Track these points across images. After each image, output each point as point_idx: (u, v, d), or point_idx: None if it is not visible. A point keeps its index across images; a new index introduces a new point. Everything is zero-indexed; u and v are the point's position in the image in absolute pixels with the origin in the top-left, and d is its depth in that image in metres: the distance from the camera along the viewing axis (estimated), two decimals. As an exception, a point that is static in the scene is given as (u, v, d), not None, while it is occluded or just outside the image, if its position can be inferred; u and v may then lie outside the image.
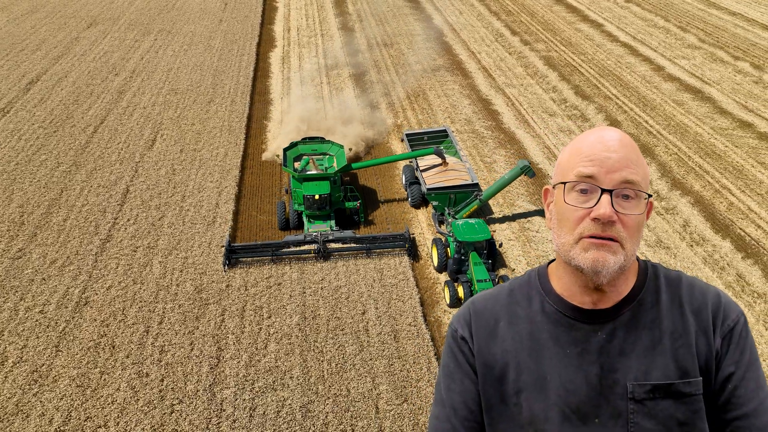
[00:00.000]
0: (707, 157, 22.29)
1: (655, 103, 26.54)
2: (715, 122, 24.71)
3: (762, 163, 21.81)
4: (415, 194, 19.94)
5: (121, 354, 14.68)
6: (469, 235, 16.26)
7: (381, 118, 26.22)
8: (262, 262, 17.09)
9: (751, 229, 18.44)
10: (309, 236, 17.55)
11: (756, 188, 20.43)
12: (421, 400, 13.33)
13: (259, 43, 35.28)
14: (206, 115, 26.51)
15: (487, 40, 34.89)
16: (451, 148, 21.32)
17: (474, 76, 30.31)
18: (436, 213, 19.18)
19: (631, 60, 31.22)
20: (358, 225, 19.32)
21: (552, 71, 30.12)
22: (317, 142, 21.21)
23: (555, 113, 26.22)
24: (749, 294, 16.05)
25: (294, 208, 19.04)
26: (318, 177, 18.86)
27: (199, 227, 19.14)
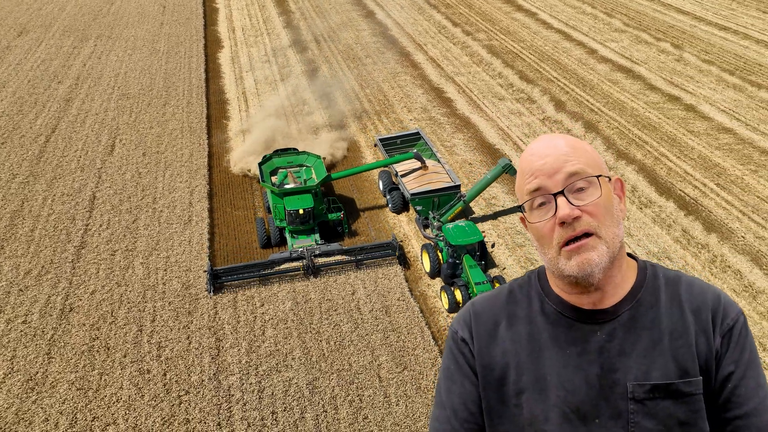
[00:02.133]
0: (644, 129, 24.41)
1: (593, 83, 28.61)
2: (647, 97, 26.98)
3: (691, 131, 24.12)
4: (396, 200, 19.50)
5: (118, 354, 14.72)
6: (461, 238, 15.96)
7: (341, 112, 26.88)
8: (249, 285, 16.36)
9: (689, 190, 20.50)
10: (295, 252, 16.78)
11: (689, 154, 22.64)
12: (420, 365, 14.22)
13: (206, 45, 35.01)
14: (164, 117, 26.26)
15: (431, 33, 36.18)
16: (426, 150, 21.04)
17: (423, 66, 31.48)
18: (420, 218, 18.76)
19: (567, 45, 33.34)
20: (342, 236, 18.59)
21: (496, 59, 31.74)
22: (292, 153, 20.44)
23: (504, 97, 27.77)
24: (694, 246, 17.97)
25: (276, 225, 18.17)
26: (299, 190, 18.10)
27: (176, 227, 19.20)
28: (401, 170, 19.86)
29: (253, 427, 12.85)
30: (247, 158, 21.89)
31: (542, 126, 25.14)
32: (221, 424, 12.97)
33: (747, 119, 24.67)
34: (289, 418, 13.00)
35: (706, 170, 21.54)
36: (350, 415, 13.06)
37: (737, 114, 25.09)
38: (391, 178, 20.37)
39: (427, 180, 19.21)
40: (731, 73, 28.70)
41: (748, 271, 16.81)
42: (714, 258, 17.43)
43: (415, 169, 19.81)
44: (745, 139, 23.34)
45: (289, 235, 17.99)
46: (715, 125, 24.43)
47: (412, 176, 19.61)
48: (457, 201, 17.96)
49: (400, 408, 13.18)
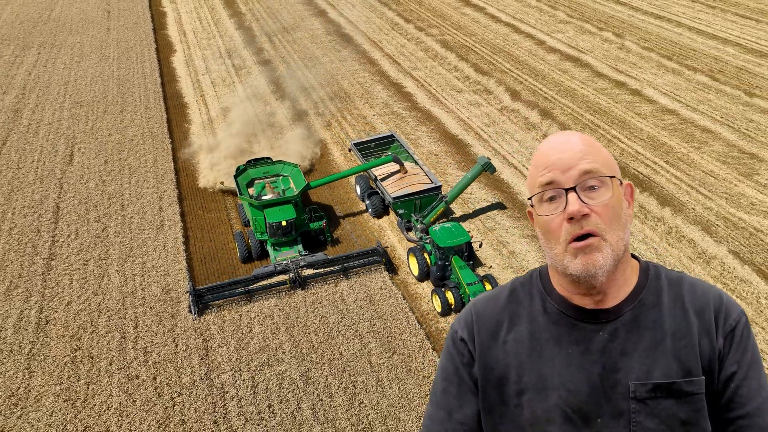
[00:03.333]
0: (596, 114, 25.74)
1: (544, 72, 29.86)
2: (595, 84, 28.41)
3: (639, 114, 25.62)
4: (376, 205, 19.17)
5: (104, 362, 14.52)
6: (449, 240, 15.80)
7: (303, 110, 27.02)
8: (236, 302, 15.80)
9: (642, 168, 21.84)
10: (279, 265, 16.28)
11: (638, 135, 24.07)
12: (408, 349, 14.68)
13: (158, 49, 34.31)
14: (122, 124, 25.69)
15: (384, 30, 36.72)
16: (402, 153, 20.84)
17: (380, 63, 31.97)
18: (402, 221, 18.53)
19: (516, 37, 34.58)
20: (325, 245, 18.15)
21: (450, 53, 32.59)
22: (267, 163, 19.71)
23: (462, 90, 28.60)
24: (651, 220, 19.21)
25: (256, 238, 17.52)
26: (280, 202, 17.51)
27: (149, 232, 18.96)
28: (380, 174, 19.48)
29: (251, 421, 13.00)
30: (217, 168, 21.09)
31: (501, 115, 26.09)
32: (218, 422, 13.05)
33: (687, 101, 26.38)
34: (286, 410, 13.22)
35: (655, 149, 22.97)
36: (346, 401, 13.40)
37: (678, 96, 26.80)
38: (368, 183, 20.02)
39: (407, 183, 18.90)
40: (669, 58, 30.56)
41: (700, 240, 18.14)
42: (669, 230, 18.71)
43: (394, 173, 19.45)
44: (687, 119, 24.99)
45: (272, 248, 17.36)
46: (659, 107, 26.02)
47: (392, 180, 19.22)
48: (439, 202, 17.88)
49: (393, 391, 13.62)
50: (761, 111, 25.14)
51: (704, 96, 26.69)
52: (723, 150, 22.62)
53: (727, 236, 18.24)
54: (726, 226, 18.65)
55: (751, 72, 28.64)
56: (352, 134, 25.20)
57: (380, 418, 13.00)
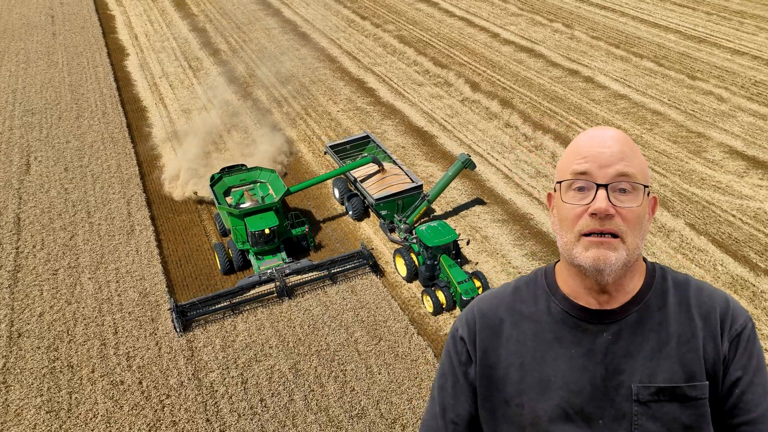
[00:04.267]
0: (553, 102, 26.70)
1: (501, 63, 30.71)
2: (550, 73, 29.44)
3: (593, 100, 26.73)
4: (356, 207, 18.83)
5: (85, 371, 14.20)
6: (437, 239, 15.59)
7: (266, 109, 26.89)
8: (222, 316, 15.30)
9: (600, 151, 22.85)
10: (263, 275, 15.88)
11: (594, 119, 25.13)
12: (393, 335, 14.98)
13: (109, 53, 33.35)
14: (79, 130, 24.92)
15: (341, 27, 36.85)
16: (378, 153, 20.55)
17: (340, 60, 32.11)
18: (384, 222, 18.24)
19: (471, 30, 35.37)
20: (307, 251, 17.73)
21: (408, 48, 33.05)
22: (241, 170, 18.95)
23: (423, 83, 29.09)
24: (612, 198, 20.15)
25: (237, 248, 16.92)
26: (261, 209, 16.86)
27: (119, 238, 18.55)
28: (359, 176, 19.14)
29: (244, 416, 13.01)
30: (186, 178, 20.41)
31: (463, 107, 26.70)
32: (210, 420, 13.00)
33: (636, 86, 27.70)
34: (279, 402, 13.29)
35: (611, 133, 24.05)
36: (337, 390, 13.57)
37: (628, 82, 28.10)
38: (347, 186, 19.72)
39: (388, 183, 18.59)
40: (617, 46, 31.97)
41: (659, 215, 19.16)
42: (630, 207, 19.68)
43: (372, 174, 19.07)
44: (638, 102, 26.25)
45: (254, 257, 16.83)
46: (611, 93, 27.23)
47: (372, 181, 18.83)
48: (422, 201, 17.76)
49: (383, 376, 13.88)
50: (704, 93, 26.67)
51: (652, 81, 28.08)
52: (673, 130, 23.91)
53: (683, 210, 19.36)
54: (681, 201, 19.79)
55: (692, 57, 30.31)
56: (318, 131, 25.28)
57: (372, 403, 13.25)
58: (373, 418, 12.91)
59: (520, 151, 23.12)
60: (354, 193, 19.34)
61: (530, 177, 21.43)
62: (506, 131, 24.58)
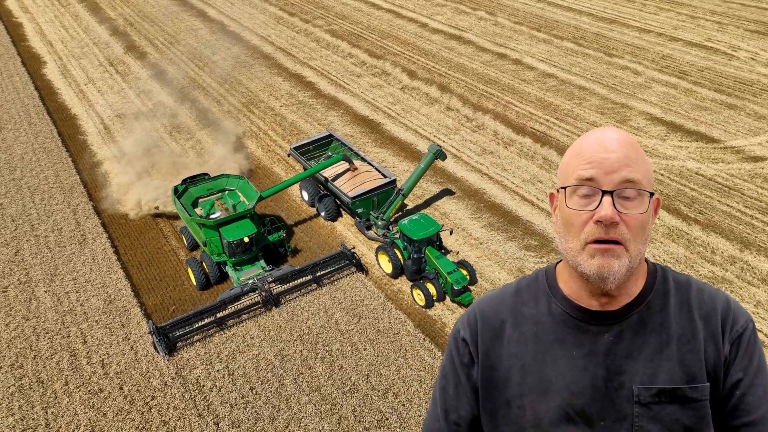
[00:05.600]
0: (488, 84, 27.96)
1: (434, 51, 31.71)
2: (481, 58, 30.77)
3: (524, 80, 28.25)
4: (329, 207, 18.44)
5: (58, 384, 13.56)
6: (422, 231, 15.45)
7: (206, 109, 26.35)
8: (208, 334, 14.53)
9: (537, 126, 24.27)
10: (245, 286, 15.29)
11: (527, 98, 26.60)
12: (372, 312, 15.34)
13: (24, 62, 31.29)
14: (5, 143, 23.36)
15: (270, 25, 36.56)
16: (344, 151, 20.26)
17: (275, 56, 31.93)
18: (360, 220, 17.90)
19: (400, 22, 36.21)
20: (285, 257, 17.18)
21: (341, 41, 33.37)
22: (207, 180, 17.93)
23: (361, 74, 29.54)
24: (555, 168, 21.50)
25: (214, 260, 16.05)
26: (235, 218, 16.04)
27: (71, 248, 17.70)
28: (329, 175, 18.68)
29: (236, 406, 12.95)
30: (140, 191, 19.29)
31: (403, 94, 27.40)
32: (202, 414, 12.84)
33: (561, 65, 29.54)
34: (269, 389, 13.32)
35: (545, 109, 25.58)
36: (326, 369, 13.78)
37: (553, 62, 29.90)
38: (316, 187, 19.22)
39: (361, 181, 18.23)
40: (538, 30, 33.88)
41: (598, 179, 20.71)
42: (572, 174, 21.11)
43: (342, 173, 18.65)
44: (564, 80, 28.03)
45: (232, 269, 16.03)
46: (540, 73, 28.88)
47: (343, 180, 18.43)
48: (396, 196, 17.63)
49: (368, 351, 14.23)
50: (621, 68, 28.89)
51: (574, 60, 30.04)
52: (599, 103, 25.78)
53: (619, 173, 21.00)
54: (616, 165, 21.44)
55: (606, 36, 32.69)
56: (263, 126, 25.12)
57: (362, 377, 13.57)
58: (366, 391, 13.24)
59: (465, 132, 24.11)
60: (325, 194, 18.81)
61: (477, 155, 22.43)
62: (448, 114, 25.51)
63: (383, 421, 12.59)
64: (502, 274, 16.49)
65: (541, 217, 18.92)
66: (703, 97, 25.83)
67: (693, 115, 24.34)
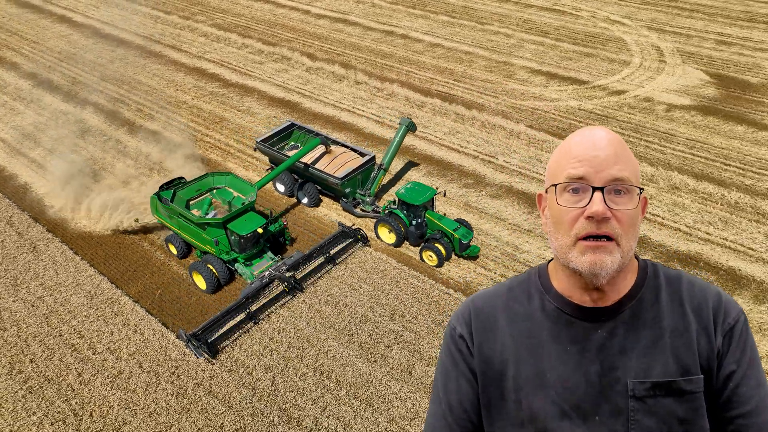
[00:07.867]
0: (385, 58, 30.23)
1: (325, 35, 33.26)
2: (371, 36, 32.94)
3: (416, 52, 30.93)
4: (311, 193, 18.61)
5: (71, 377, 13.33)
6: (420, 197, 16.30)
7: (115, 111, 25.44)
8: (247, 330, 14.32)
9: (440, 87, 27.04)
10: (264, 278, 15.18)
11: (423, 66, 29.30)
12: (354, 257, 16.84)
13: None
14: None
15: (149, 24, 35.43)
16: (307, 137, 20.26)
17: (166, 54, 31.29)
18: (347, 201, 18.28)
19: (282, 11, 37.15)
20: (284, 246, 17.14)
21: (230, 33, 33.58)
22: (190, 182, 17.18)
23: (262, 61, 30.23)
24: (468, 120, 24.41)
25: (224, 259, 15.72)
26: (238, 213, 15.80)
27: (25, 257, 16.83)
28: (308, 160, 18.71)
29: (263, 355, 13.80)
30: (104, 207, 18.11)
31: (310, 75, 28.70)
32: (232, 369, 13.51)
33: (443, 35, 32.77)
34: (289, 334, 14.32)
35: (442, 73, 28.53)
36: (333, 310, 15.08)
37: (436, 34, 33.06)
38: (291, 177, 19.17)
39: (343, 161, 18.56)
40: (413, 8, 36.94)
41: (506, 124, 24.00)
42: (483, 124, 24.19)
43: (319, 157, 18.79)
44: (451, 48, 31.28)
45: (242, 264, 15.85)
46: (427, 44, 31.84)
47: (324, 163, 18.60)
48: (379, 170, 18.34)
49: (365, 288, 15.76)
50: (494, 33, 32.90)
51: (453, 30, 33.50)
52: (486, 64, 29.34)
53: (520, 117, 24.50)
54: (515, 111, 24.97)
55: (473, 8, 36.68)
56: (182, 119, 24.99)
57: (367, 309, 15.11)
58: (375, 318, 14.83)
59: (379, 101, 26.18)
60: (305, 180, 18.89)
61: (396, 118, 24.64)
62: (359, 87, 27.39)
63: (399, 338, 14.31)
64: (452, 209, 18.86)
65: (468, 160, 21.66)
66: (566, 49, 30.58)
67: (563, 65, 28.83)
